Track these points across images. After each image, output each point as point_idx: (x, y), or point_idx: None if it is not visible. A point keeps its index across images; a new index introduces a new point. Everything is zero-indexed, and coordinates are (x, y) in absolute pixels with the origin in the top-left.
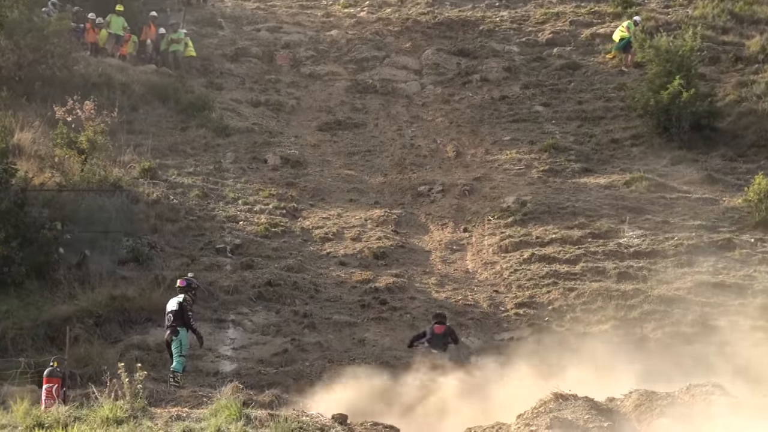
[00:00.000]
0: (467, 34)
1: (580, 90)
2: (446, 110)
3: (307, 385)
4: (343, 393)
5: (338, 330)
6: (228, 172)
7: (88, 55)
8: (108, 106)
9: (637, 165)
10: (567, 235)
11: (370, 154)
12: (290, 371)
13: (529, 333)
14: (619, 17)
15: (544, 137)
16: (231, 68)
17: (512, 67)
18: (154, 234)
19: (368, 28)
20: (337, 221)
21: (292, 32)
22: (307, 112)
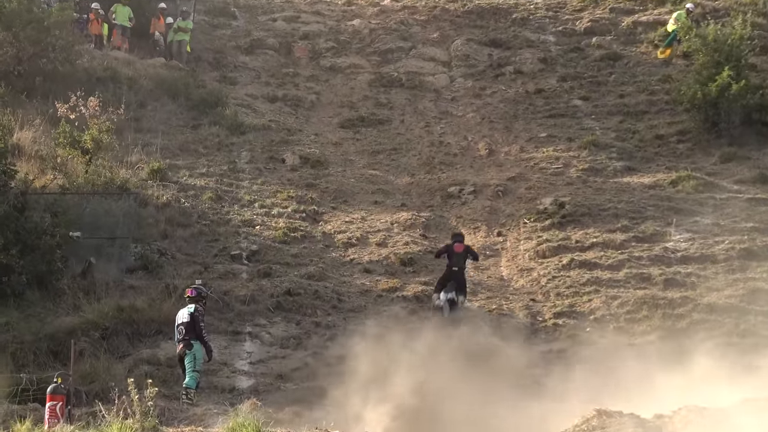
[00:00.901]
0: (499, 23)
1: (621, 82)
2: (477, 105)
3: (330, 403)
4: (371, 413)
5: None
6: (243, 172)
7: (92, 48)
8: (114, 103)
9: (683, 163)
10: (609, 239)
11: (396, 153)
12: (312, 387)
13: (569, 344)
14: (662, 3)
15: (583, 134)
16: (245, 61)
17: (548, 58)
18: (164, 240)
19: (393, 17)
20: (361, 225)
21: (310, 22)
22: (328, 108)
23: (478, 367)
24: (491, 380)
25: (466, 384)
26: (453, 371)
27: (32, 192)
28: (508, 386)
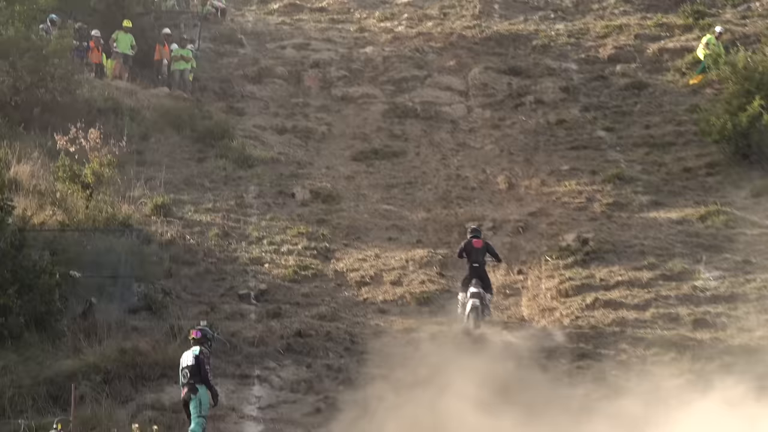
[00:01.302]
0: (519, 51)
1: (647, 112)
2: (496, 136)
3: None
4: None
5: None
6: (251, 208)
7: (93, 77)
8: (115, 135)
9: (713, 197)
10: (635, 277)
11: (411, 187)
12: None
13: (593, 389)
14: (690, 29)
15: (607, 166)
16: (253, 91)
17: (570, 87)
18: (168, 279)
19: (407, 45)
20: (375, 263)
21: (321, 49)
22: (340, 140)
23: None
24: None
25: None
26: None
27: (30, 229)
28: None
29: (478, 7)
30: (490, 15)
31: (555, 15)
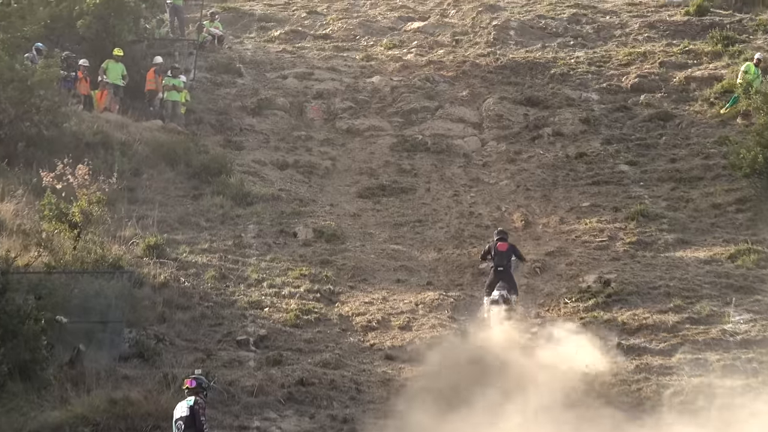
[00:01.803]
0: (536, 80)
1: (673, 145)
2: (512, 171)
3: None
4: None
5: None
6: (250, 248)
7: (81, 110)
8: (105, 171)
9: (743, 235)
10: (660, 320)
11: (421, 225)
12: None
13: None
14: (719, 56)
15: (630, 203)
16: (252, 123)
17: (591, 118)
18: (161, 324)
19: (417, 74)
20: (382, 306)
21: (325, 79)
22: (345, 176)
23: None
24: None
25: None
26: None
27: (14, 271)
28: None
29: (492, 34)
30: (506, 42)
31: (575, 42)
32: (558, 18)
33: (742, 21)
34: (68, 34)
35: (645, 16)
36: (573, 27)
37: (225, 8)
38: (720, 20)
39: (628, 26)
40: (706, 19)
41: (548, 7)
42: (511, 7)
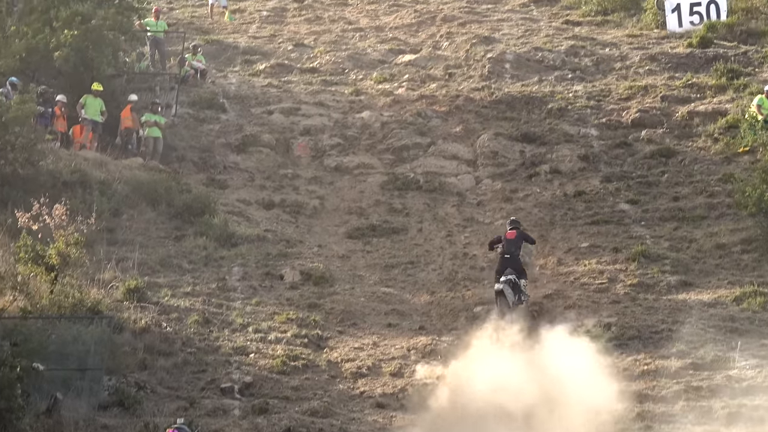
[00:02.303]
0: (533, 115)
1: (675, 183)
2: (508, 210)
3: None
4: None
5: None
6: (235, 291)
7: (58, 147)
8: (83, 211)
9: (749, 276)
10: (662, 366)
11: (413, 267)
12: None
13: None
14: (723, 90)
15: (631, 243)
16: (237, 161)
17: (590, 155)
18: (142, 371)
19: (408, 109)
20: (373, 352)
21: (312, 114)
22: (333, 215)
23: None
24: None
25: None
26: None
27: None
28: None
29: (487, 67)
30: (501, 75)
31: (573, 75)
32: (555, 50)
33: (747, 53)
34: (44, 68)
35: (646, 48)
36: (571, 60)
37: (208, 41)
38: (724, 52)
39: (628, 59)
40: (710, 51)
41: (545, 39)
42: (506, 39)
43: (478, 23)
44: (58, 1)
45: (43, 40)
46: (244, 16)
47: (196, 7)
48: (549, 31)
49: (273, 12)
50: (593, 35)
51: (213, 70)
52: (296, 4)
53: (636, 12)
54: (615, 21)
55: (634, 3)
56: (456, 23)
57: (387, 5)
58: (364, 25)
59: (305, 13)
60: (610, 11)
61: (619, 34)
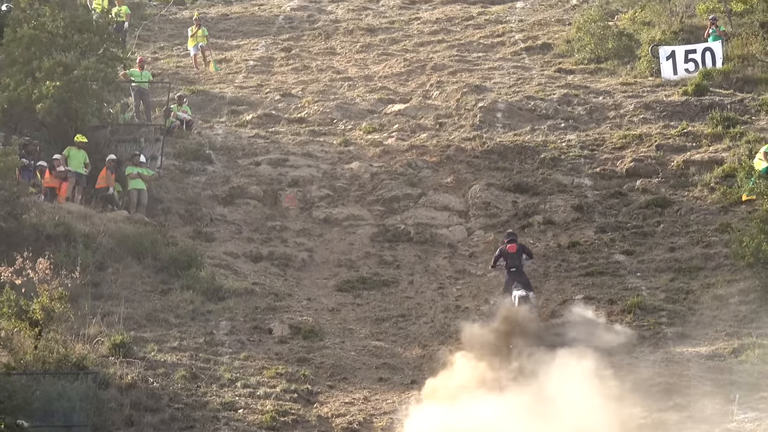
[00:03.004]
0: (525, 164)
1: (671, 233)
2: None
3: None
4: None
5: None
6: (223, 346)
7: (42, 200)
8: (68, 265)
9: (747, 328)
10: (659, 419)
11: (405, 321)
12: None
13: None
14: (719, 139)
15: (627, 294)
16: (224, 213)
17: (584, 205)
18: (129, 427)
19: (398, 159)
20: (364, 407)
21: (301, 166)
22: (323, 268)
23: None
24: None
25: None
26: None
27: None
28: None
29: (478, 116)
30: (492, 125)
31: (566, 124)
32: (548, 99)
33: (743, 101)
34: (27, 120)
35: (640, 96)
36: (564, 108)
37: (194, 91)
38: (720, 100)
39: (622, 107)
40: (706, 99)
41: (537, 87)
42: (498, 88)
43: (469, 72)
44: (40, 52)
45: (25, 91)
46: (231, 65)
47: (181, 57)
48: (541, 80)
49: (260, 61)
50: (586, 83)
51: (199, 120)
52: (284, 53)
53: (630, 60)
54: (608, 69)
55: (627, 51)
56: (446, 72)
57: (376, 54)
58: (353, 75)
59: (293, 62)
60: (603, 59)
61: (612, 82)
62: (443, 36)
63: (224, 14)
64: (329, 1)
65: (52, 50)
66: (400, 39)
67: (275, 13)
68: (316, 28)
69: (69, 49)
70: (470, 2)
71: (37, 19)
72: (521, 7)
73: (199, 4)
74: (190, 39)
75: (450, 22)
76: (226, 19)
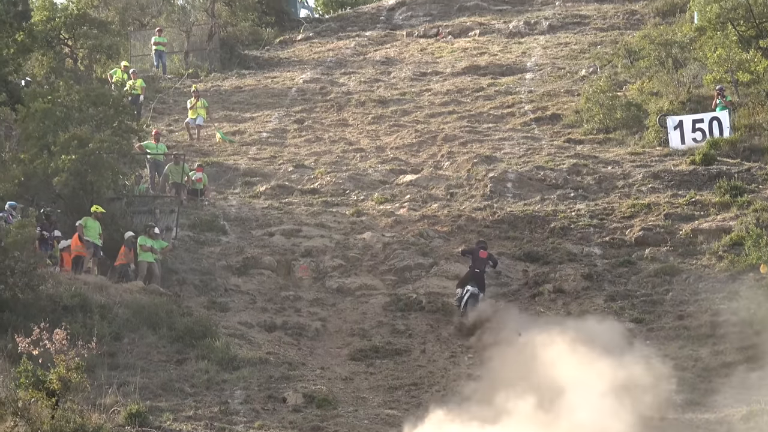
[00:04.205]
0: (535, 234)
1: (680, 301)
2: None
3: None
4: None
5: None
6: (237, 415)
7: (58, 272)
8: (84, 335)
9: (756, 395)
10: None
11: (417, 389)
12: None
13: None
14: (727, 208)
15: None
16: (238, 284)
17: (593, 274)
18: None
19: (410, 229)
20: None
21: (314, 236)
22: (336, 337)
23: None
24: None
25: None
26: None
27: None
28: None
29: (488, 186)
30: (503, 195)
31: (575, 194)
32: (557, 169)
33: (750, 170)
34: (44, 192)
35: (649, 165)
36: (573, 178)
37: (208, 162)
38: (728, 169)
39: (631, 177)
40: (713, 168)
41: (547, 157)
42: (507, 158)
43: (480, 142)
44: (54, 126)
45: (42, 164)
46: (245, 137)
47: (221, 132)
48: (551, 150)
49: (273, 133)
50: (595, 153)
51: (213, 192)
52: (296, 125)
53: (638, 130)
54: (617, 139)
55: (636, 121)
56: (457, 143)
57: (387, 125)
58: (365, 146)
59: (305, 134)
60: (612, 129)
61: (621, 152)
62: (454, 107)
63: (238, 87)
64: (341, 74)
65: (67, 124)
66: (412, 110)
67: (288, 86)
68: (328, 100)
69: (84, 123)
70: (480, 74)
71: (52, 94)
72: (530, 78)
73: (213, 77)
74: (190, 111)
75: (460, 93)
76: (240, 92)
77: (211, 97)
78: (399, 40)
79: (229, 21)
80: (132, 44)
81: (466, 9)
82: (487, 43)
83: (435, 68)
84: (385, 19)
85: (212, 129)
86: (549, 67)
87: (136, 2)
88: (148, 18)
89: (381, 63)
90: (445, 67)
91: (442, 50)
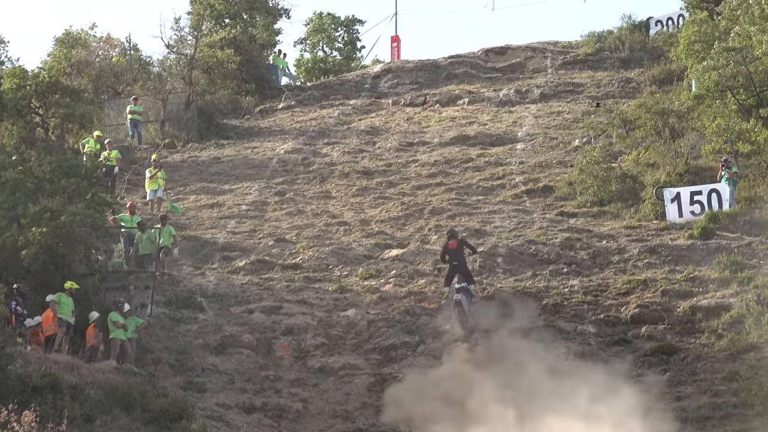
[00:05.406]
0: (527, 311)
1: (678, 382)
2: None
3: None
4: None
5: None
6: None
7: (28, 350)
8: (54, 417)
9: None
10: None
11: None
12: None
13: None
14: (726, 284)
15: None
16: (216, 363)
17: (587, 352)
18: None
19: (396, 306)
20: None
21: (295, 313)
22: (318, 419)
23: None
24: None
25: None
26: None
27: None
28: None
29: (478, 261)
30: (493, 270)
31: (569, 269)
32: (550, 243)
33: (751, 244)
34: (12, 267)
35: (645, 240)
36: (566, 253)
37: (184, 237)
38: (727, 244)
39: (626, 252)
40: (712, 243)
41: (539, 231)
42: (498, 232)
43: (469, 215)
44: (25, 197)
45: (11, 238)
46: (223, 210)
47: (171, 202)
48: (543, 223)
49: (253, 206)
50: (589, 227)
51: (190, 267)
52: (277, 197)
53: (634, 202)
54: (612, 212)
55: (631, 193)
56: (445, 216)
57: (372, 197)
58: (349, 219)
59: (287, 207)
60: (606, 202)
61: (616, 225)
62: (442, 179)
63: (216, 157)
64: (324, 144)
65: (38, 195)
66: (398, 182)
67: (269, 156)
68: (310, 171)
69: (56, 194)
70: (469, 144)
71: (23, 164)
72: (522, 149)
73: (190, 147)
74: (148, 181)
75: (449, 164)
76: (218, 163)
77: (189, 168)
78: (384, 109)
79: (207, 89)
80: (106, 113)
81: (455, 77)
82: (477, 112)
83: (422, 138)
84: (370, 87)
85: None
86: (541, 137)
87: (111, 70)
88: (123, 86)
89: (366, 133)
90: (433, 137)
91: (429, 119)
